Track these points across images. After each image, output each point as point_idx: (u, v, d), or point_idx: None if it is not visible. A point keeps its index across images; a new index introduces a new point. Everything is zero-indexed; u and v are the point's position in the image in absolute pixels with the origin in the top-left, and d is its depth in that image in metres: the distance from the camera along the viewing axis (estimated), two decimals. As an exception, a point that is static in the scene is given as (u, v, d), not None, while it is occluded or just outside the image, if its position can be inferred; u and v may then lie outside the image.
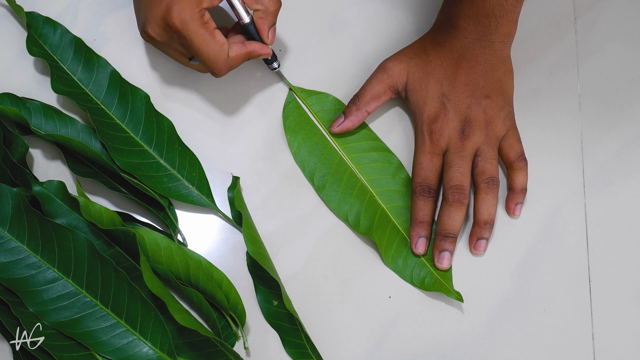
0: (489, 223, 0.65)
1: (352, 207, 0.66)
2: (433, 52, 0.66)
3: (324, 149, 0.68)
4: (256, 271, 0.65)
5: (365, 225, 0.66)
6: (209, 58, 0.60)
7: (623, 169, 0.69)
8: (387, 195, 0.67)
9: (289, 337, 0.63)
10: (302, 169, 0.68)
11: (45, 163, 0.68)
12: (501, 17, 0.63)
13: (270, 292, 0.64)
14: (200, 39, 0.59)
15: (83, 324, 0.60)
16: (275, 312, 0.64)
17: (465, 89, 0.65)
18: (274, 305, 0.64)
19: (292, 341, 0.63)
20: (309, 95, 0.69)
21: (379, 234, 0.66)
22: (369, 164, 0.68)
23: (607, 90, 0.71)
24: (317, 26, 0.72)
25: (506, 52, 0.66)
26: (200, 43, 0.59)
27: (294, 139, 0.68)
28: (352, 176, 0.67)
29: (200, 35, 0.59)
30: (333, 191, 0.67)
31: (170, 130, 0.67)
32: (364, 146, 0.68)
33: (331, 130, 0.68)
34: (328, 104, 0.69)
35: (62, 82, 0.67)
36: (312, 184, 0.67)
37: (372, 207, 0.66)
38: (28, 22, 0.68)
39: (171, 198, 0.65)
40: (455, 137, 0.65)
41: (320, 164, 0.68)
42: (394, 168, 0.68)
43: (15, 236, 0.61)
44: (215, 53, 0.60)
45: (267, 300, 0.64)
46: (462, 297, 0.64)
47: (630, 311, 0.65)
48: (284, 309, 0.64)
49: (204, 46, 0.59)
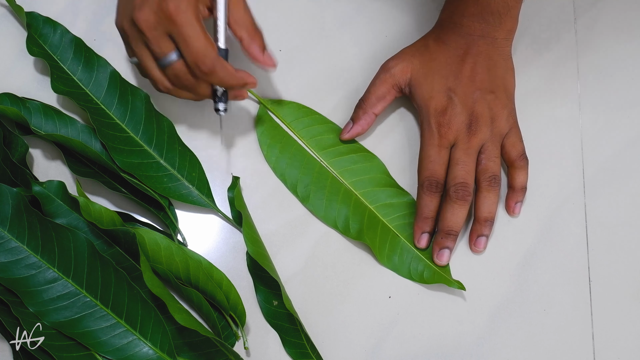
0: (490, 220, 0.65)
1: (340, 213, 0.66)
2: (436, 49, 0.66)
3: (303, 159, 0.68)
4: (256, 271, 0.65)
5: (355, 229, 0.66)
6: (197, 50, 0.57)
7: (623, 169, 0.69)
8: (373, 195, 0.67)
9: (289, 337, 0.64)
10: (284, 182, 0.67)
11: (45, 163, 0.68)
12: (505, 13, 0.64)
13: (270, 292, 0.64)
14: (192, 29, 0.57)
15: (83, 324, 0.60)
16: (275, 312, 0.64)
17: (471, 84, 0.65)
18: (274, 305, 0.64)
19: (292, 341, 0.63)
20: (280, 106, 0.69)
21: (370, 235, 0.65)
22: (350, 167, 0.68)
23: (607, 90, 0.71)
24: (316, 26, 0.72)
25: (508, 50, 0.67)
26: (191, 32, 0.57)
27: (271, 153, 0.68)
28: (334, 182, 0.67)
29: (193, 25, 0.57)
30: (318, 200, 0.67)
31: (170, 130, 0.67)
32: (342, 149, 0.68)
33: (342, 137, 0.68)
34: (301, 113, 0.69)
35: (62, 82, 0.67)
36: (296, 195, 0.67)
37: (359, 209, 0.66)
38: (28, 22, 0.68)
39: (171, 198, 0.65)
40: (463, 132, 0.65)
41: (302, 175, 0.67)
42: (374, 167, 0.68)
43: (15, 236, 0.61)
44: (204, 46, 0.57)
45: (267, 300, 0.64)
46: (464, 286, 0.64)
47: (630, 311, 0.65)
48: (284, 309, 0.64)
49: (194, 36, 0.57)
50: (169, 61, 0.59)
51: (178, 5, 0.56)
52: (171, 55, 0.58)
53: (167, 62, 0.59)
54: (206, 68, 0.58)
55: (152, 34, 0.57)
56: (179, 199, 0.65)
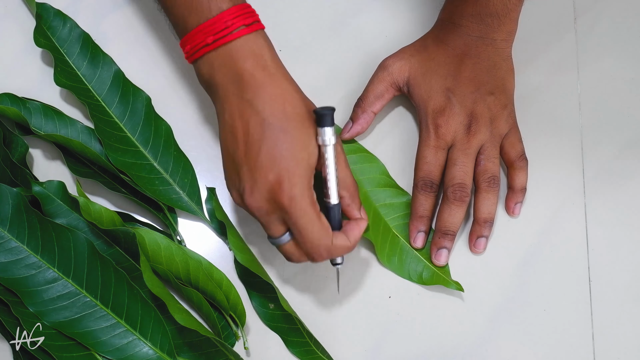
0: (489, 221, 0.65)
1: None
2: (435, 49, 0.66)
3: None
4: (247, 278, 0.65)
5: None
6: (312, 241, 0.55)
7: (623, 169, 0.69)
8: (372, 196, 0.67)
9: (291, 338, 0.63)
10: None
11: (45, 163, 0.68)
12: (504, 15, 0.64)
13: (264, 297, 0.64)
14: (306, 220, 0.54)
15: (83, 324, 0.60)
16: (273, 315, 0.64)
17: (469, 85, 0.65)
18: (271, 309, 0.64)
19: (294, 341, 0.63)
20: None
21: (374, 232, 0.65)
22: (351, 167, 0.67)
23: (607, 90, 0.71)
24: (317, 26, 0.72)
25: (508, 51, 0.67)
26: (306, 224, 0.55)
27: None
28: None
29: (308, 215, 0.54)
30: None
31: (168, 135, 0.67)
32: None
33: (342, 137, 0.67)
34: None
35: (65, 76, 0.67)
36: None
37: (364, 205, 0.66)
38: (38, 13, 0.68)
39: (161, 201, 0.65)
40: (461, 133, 0.64)
41: None
42: (374, 167, 0.68)
43: (15, 236, 0.61)
44: (319, 237, 0.55)
45: (263, 304, 0.64)
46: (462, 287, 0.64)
47: (630, 311, 0.65)
48: (280, 310, 0.63)
49: (310, 228, 0.55)
50: (280, 242, 0.57)
51: (292, 196, 0.54)
52: (284, 238, 0.57)
53: (279, 243, 0.57)
54: (319, 258, 0.57)
55: (265, 219, 0.56)
56: (169, 203, 0.65)
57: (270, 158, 0.54)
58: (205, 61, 0.56)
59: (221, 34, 0.55)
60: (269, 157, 0.54)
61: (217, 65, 0.56)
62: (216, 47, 0.55)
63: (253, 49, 0.55)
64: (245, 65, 0.55)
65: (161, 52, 0.70)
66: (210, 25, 0.55)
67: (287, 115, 0.55)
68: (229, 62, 0.55)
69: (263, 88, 0.55)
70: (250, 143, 0.54)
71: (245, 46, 0.55)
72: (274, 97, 0.55)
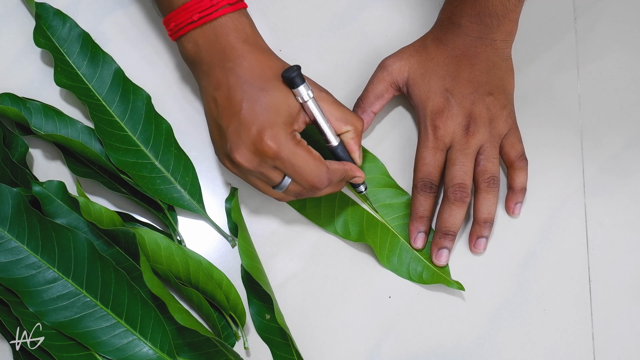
0: (489, 222, 0.65)
1: (338, 218, 0.66)
2: (434, 49, 0.66)
3: None
4: (250, 284, 0.65)
5: (355, 232, 0.65)
6: (310, 174, 0.58)
7: (623, 169, 0.69)
8: (372, 196, 0.67)
9: (280, 352, 0.63)
10: None
11: (45, 163, 0.68)
12: (503, 16, 0.64)
13: (262, 305, 0.64)
14: (299, 157, 0.57)
15: (83, 324, 0.60)
16: (267, 326, 0.64)
17: (468, 85, 0.65)
18: (266, 319, 0.64)
19: (282, 356, 0.63)
20: None
21: (371, 236, 0.65)
22: None
23: (607, 90, 0.71)
24: (317, 26, 0.72)
25: (507, 51, 0.67)
26: (299, 161, 0.57)
27: None
28: None
29: (297, 153, 0.57)
30: (315, 207, 0.66)
31: (168, 133, 0.67)
32: None
33: None
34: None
35: (65, 76, 0.67)
36: (292, 205, 0.67)
37: (357, 212, 0.66)
38: (38, 13, 0.68)
39: (162, 200, 0.65)
40: (459, 133, 0.65)
41: None
42: (374, 167, 0.67)
43: (15, 236, 0.61)
44: (316, 167, 0.58)
45: (260, 313, 0.64)
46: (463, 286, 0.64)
47: (630, 311, 0.65)
48: (275, 323, 0.63)
49: (304, 163, 0.57)
50: (283, 186, 0.59)
51: (277, 141, 0.56)
52: (285, 182, 0.59)
53: (282, 187, 0.59)
54: (322, 184, 0.59)
55: (259, 170, 0.58)
56: (170, 201, 0.65)
57: (251, 113, 0.56)
58: (189, 38, 0.59)
59: (207, 12, 0.57)
60: (251, 112, 0.56)
61: (202, 42, 0.58)
62: (201, 24, 0.58)
63: (236, 25, 0.58)
64: (228, 39, 0.58)
65: (161, 51, 0.70)
66: (197, 3, 0.57)
67: (266, 77, 0.57)
68: (213, 38, 0.58)
69: (243, 56, 0.58)
70: (232, 105, 0.57)
71: (229, 23, 0.58)
72: (254, 63, 0.58)
